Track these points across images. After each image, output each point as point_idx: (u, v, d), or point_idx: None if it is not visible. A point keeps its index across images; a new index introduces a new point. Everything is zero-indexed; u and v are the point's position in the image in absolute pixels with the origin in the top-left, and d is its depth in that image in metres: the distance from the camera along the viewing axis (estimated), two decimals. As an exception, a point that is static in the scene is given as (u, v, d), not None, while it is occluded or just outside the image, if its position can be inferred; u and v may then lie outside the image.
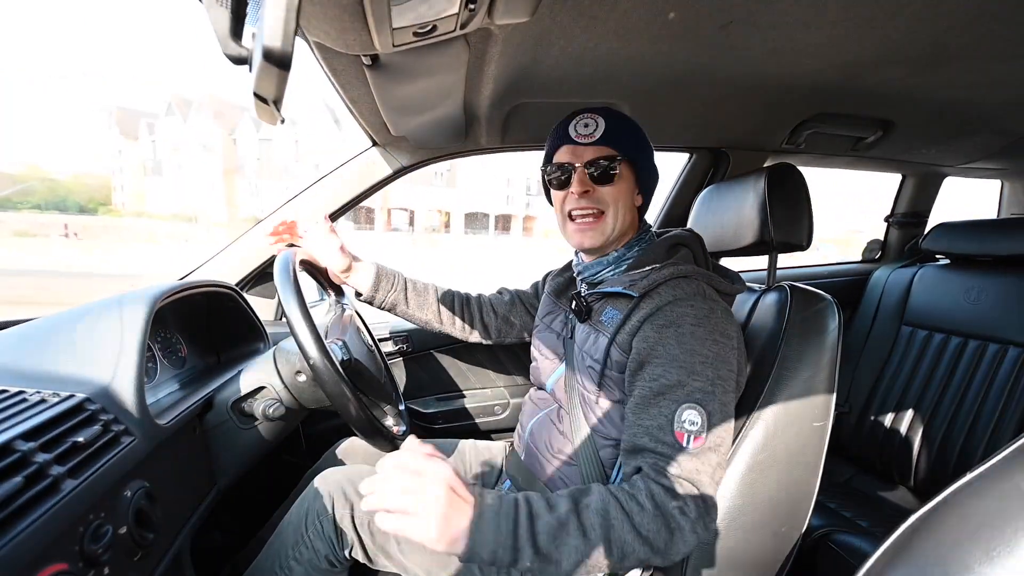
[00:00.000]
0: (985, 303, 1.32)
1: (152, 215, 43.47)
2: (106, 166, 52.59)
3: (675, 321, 0.69)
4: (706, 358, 0.66)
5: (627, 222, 0.81)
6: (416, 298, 1.03)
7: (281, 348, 0.82)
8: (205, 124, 43.27)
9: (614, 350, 0.74)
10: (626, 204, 0.80)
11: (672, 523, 0.59)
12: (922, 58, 0.84)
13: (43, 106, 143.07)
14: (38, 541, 0.41)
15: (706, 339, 0.67)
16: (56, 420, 0.50)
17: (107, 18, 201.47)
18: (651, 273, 0.75)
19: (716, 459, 0.64)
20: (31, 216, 37.70)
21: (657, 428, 0.64)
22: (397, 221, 42.30)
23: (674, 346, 0.67)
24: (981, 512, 0.29)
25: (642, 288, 0.73)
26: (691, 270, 0.74)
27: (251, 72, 0.37)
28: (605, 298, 0.80)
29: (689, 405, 0.64)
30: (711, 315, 0.69)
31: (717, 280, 0.76)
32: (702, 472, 0.63)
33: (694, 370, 0.65)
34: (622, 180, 0.79)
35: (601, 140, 0.78)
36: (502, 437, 1.43)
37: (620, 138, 0.78)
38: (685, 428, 0.63)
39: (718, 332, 0.68)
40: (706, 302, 0.71)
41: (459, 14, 0.57)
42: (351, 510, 0.76)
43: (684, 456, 0.63)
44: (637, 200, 0.83)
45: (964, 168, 1.69)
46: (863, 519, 1.19)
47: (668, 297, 0.71)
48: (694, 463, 0.62)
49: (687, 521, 0.59)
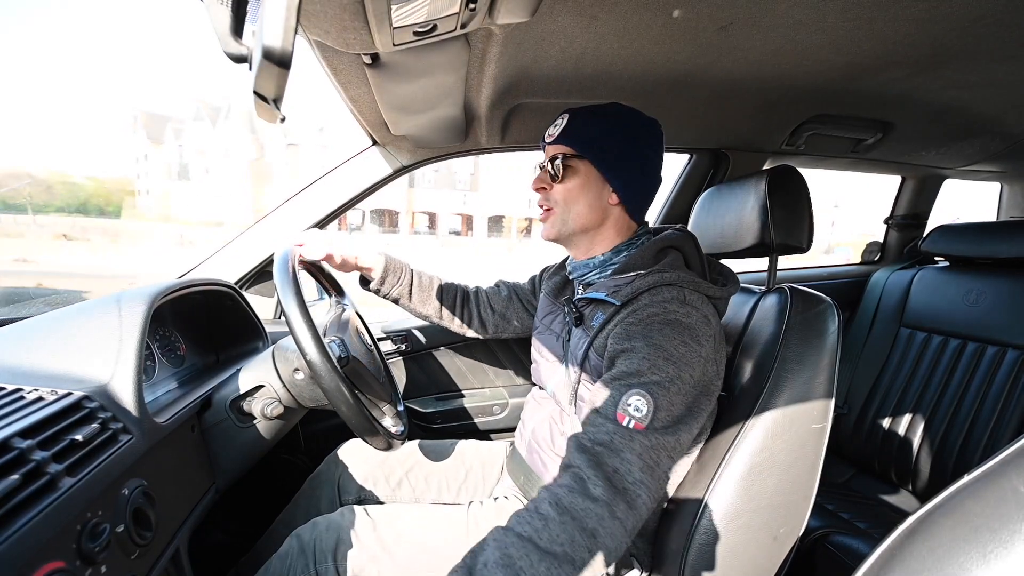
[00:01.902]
0: (984, 305, 1.32)
1: (178, 220, 43.60)
2: (131, 170, 52.89)
3: (645, 320, 0.68)
4: (670, 356, 0.65)
5: (591, 221, 0.80)
6: (420, 293, 1.03)
7: (280, 347, 0.82)
8: (233, 129, 43.39)
9: (592, 353, 0.74)
10: (584, 201, 0.79)
11: (587, 521, 0.56)
12: (922, 60, 0.85)
13: (69, 109, 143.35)
14: (35, 539, 0.41)
15: (674, 338, 0.66)
16: (54, 418, 0.50)
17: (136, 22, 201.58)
18: (635, 280, 0.74)
19: (650, 452, 0.61)
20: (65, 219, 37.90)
21: (603, 407, 0.64)
22: (421, 225, 42.63)
23: (639, 340, 0.67)
24: (978, 514, 0.29)
25: (624, 296, 0.72)
26: (675, 277, 0.72)
27: (251, 71, 0.37)
28: (594, 303, 0.80)
29: (638, 392, 0.63)
30: (685, 319, 0.68)
31: (705, 286, 0.73)
32: (630, 451, 0.60)
33: (655, 364, 0.64)
34: (576, 177, 0.79)
35: (558, 138, 0.79)
36: (501, 437, 1.43)
37: (581, 135, 0.78)
38: (628, 412, 0.62)
39: (688, 335, 0.66)
40: (683, 307, 0.69)
41: (459, 14, 0.57)
42: (334, 564, 0.72)
43: (616, 428, 0.61)
44: (611, 198, 0.79)
45: (963, 170, 1.69)
46: (861, 520, 1.19)
47: (645, 301, 0.70)
48: (624, 441, 0.60)
49: (601, 506, 0.56)
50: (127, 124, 51.85)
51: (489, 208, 43.05)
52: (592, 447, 0.61)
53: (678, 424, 0.64)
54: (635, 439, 0.61)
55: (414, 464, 0.99)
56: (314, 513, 0.94)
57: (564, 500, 0.58)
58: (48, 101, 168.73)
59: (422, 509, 0.83)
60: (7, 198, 50.03)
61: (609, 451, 0.60)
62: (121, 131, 61.05)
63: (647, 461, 0.60)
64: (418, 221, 43.04)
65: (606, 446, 0.61)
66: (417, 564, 0.74)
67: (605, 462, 0.60)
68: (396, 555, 0.74)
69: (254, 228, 1.22)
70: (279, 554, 0.74)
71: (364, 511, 0.79)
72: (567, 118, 0.79)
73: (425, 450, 1.02)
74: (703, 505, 0.72)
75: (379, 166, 1.22)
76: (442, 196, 42.54)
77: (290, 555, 0.73)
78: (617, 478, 0.59)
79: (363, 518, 0.77)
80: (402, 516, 0.80)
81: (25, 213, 41.48)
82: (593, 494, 0.58)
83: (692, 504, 0.73)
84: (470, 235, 42.62)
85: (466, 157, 1.32)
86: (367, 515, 0.78)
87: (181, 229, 34.58)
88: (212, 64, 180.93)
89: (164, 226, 38.75)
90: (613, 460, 0.60)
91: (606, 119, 0.78)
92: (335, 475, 0.97)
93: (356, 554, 0.72)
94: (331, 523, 0.76)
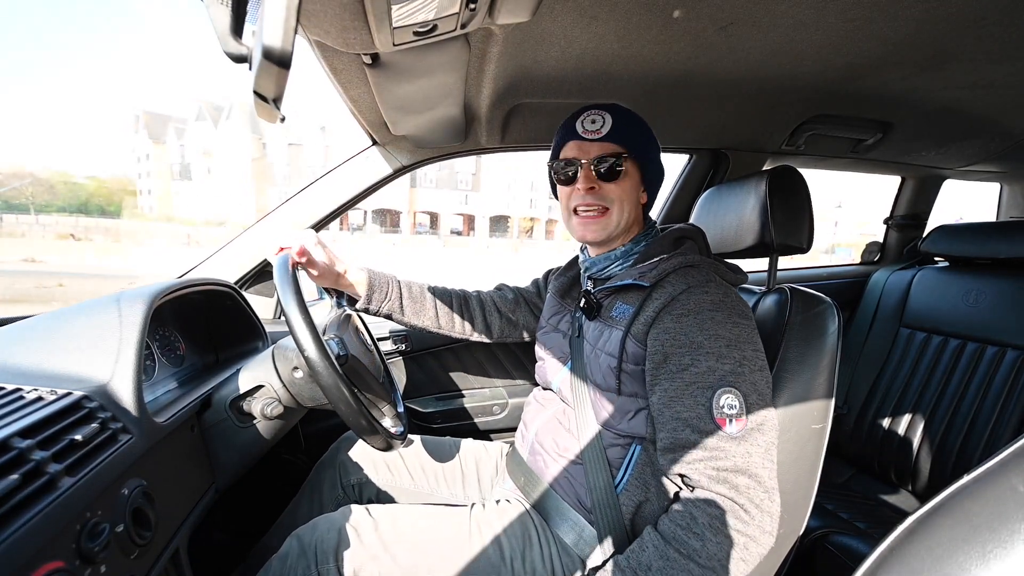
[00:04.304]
0: (984, 305, 1.32)
1: (180, 220, 43.59)
2: (132, 170, 52.97)
3: (693, 309, 0.69)
4: (730, 340, 0.66)
5: (631, 219, 0.82)
6: (412, 305, 0.99)
7: (280, 346, 0.82)
8: (235, 129, 43.40)
9: (630, 342, 0.74)
10: (631, 201, 0.81)
11: (738, 539, 0.60)
12: (922, 60, 0.85)
13: (70, 108, 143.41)
14: (35, 538, 0.41)
15: (726, 322, 0.67)
16: (54, 417, 0.50)
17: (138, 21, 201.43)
18: (660, 263, 0.76)
19: (763, 440, 0.64)
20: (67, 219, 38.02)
21: (696, 418, 0.65)
22: (422, 224, 42.76)
23: (696, 333, 0.67)
24: (978, 514, 0.29)
25: (652, 278, 0.74)
26: (699, 259, 0.76)
27: (251, 70, 0.37)
28: (614, 293, 0.80)
29: (724, 389, 0.64)
30: (726, 298, 0.70)
31: (723, 270, 0.78)
32: (752, 455, 0.63)
33: (720, 354, 0.66)
34: (628, 177, 0.80)
35: (608, 137, 0.78)
36: (500, 437, 1.43)
37: (627, 135, 0.79)
38: (724, 413, 0.63)
39: (736, 314, 0.69)
40: (719, 287, 0.72)
41: (460, 14, 0.57)
42: (336, 564, 0.72)
43: (730, 443, 0.63)
44: (642, 198, 0.84)
45: (963, 171, 1.69)
46: (860, 520, 1.19)
47: (681, 286, 0.71)
48: (743, 447, 0.63)
49: (751, 527, 0.60)
50: (129, 124, 51.98)
51: (491, 208, 43.08)
52: (726, 475, 0.63)
53: (766, 400, 0.66)
54: (744, 446, 0.63)
55: (415, 455, 1.00)
56: (316, 497, 0.95)
57: (715, 520, 0.62)
58: (50, 100, 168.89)
59: (424, 510, 0.83)
60: (9, 197, 50.07)
61: (738, 474, 0.63)
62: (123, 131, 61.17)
63: (765, 447, 0.64)
64: (420, 221, 43.09)
65: (733, 471, 0.63)
66: (419, 564, 0.74)
67: (739, 487, 0.62)
68: (398, 555, 0.74)
69: (254, 228, 1.22)
70: (279, 555, 0.74)
71: (365, 510, 0.78)
72: (611, 117, 0.78)
73: (426, 445, 1.03)
74: None
75: (379, 166, 1.22)
76: (444, 196, 42.59)
77: (290, 556, 0.73)
78: (754, 493, 0.62)
79: (364, 518, 0.77)
80: (404, 516, 0.80)
81: (27, 213, 41.50)
82: (744, 520, 0.62)
83: None
84: (472, 235, 42.65)
85: (468, 157, 1.32)
86: (368, 515, 0.78)
87: (187, 229, 34.67)
88: (214, 64, 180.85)
89: (168, 226, 38.83)
90: (743, 479, 0.63)
91: (635, 119, 0.81)
92: (337, 458, 0.98)
93: (357, 554, 0.72)
94: (332, 523, 0.76)
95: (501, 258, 27.16)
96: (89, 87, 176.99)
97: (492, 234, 43.33)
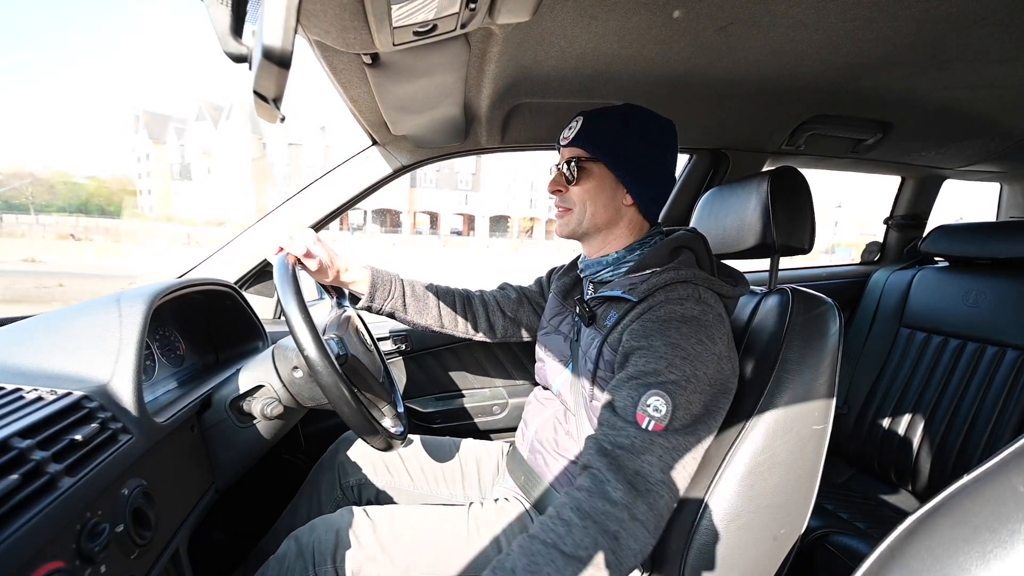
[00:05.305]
0: (984, 305, 1.32)
1: (180, 220, 43.58)
2: (132, 170, 52.99)
3: (662, 317, 0.69)
4: (687, 354, 0.65)
5: (604, 220, 0.82)
6: (415, 304, 0.99)
7: (280, 346, 0.82)
8: (235, 129, 43.39)
9: (606, 349, 0.74)
10: (597, 202, 0.80)
11: (608, 524, 0.57)
12: (922, 60, 0.85)
13: (70, 108, 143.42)
14: (35, 538, 0.41)
15: (691, 336, 0.66)
16: (53, 417, 0.50)
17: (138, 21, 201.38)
18: (651, 277, 0.75)
19: (670, 454, 0.62)
20: (67, 219, 38.06)
21: (622, 408, 0.64)
22: (422, 224, 42.77)
23: (657, 338, 0.67)
24: (978, 514, 0.29)
25: (641, 293, 0.73)
26: (691, 275, 0.73)
27: (251, 70, 0.37)
28: (607, 302, 0.80)
29: (656, 392, 0.63)
30: (701, 316, 0.69)
31: (718, 284, 0.75)
32: (654, 449, 0.61)
33: (672, 362, 0.65)
34: (590, 179, 0.80)
35: (573, 141, 0.80)
36: (500, 437, 1.43)
37: (593, 138, 0.79)
38: (648, 412, 0.62)
39: (704, 334, 0.67)
40: (699, 304, 0.70)
41: (459, 13, 0.57)
42: (333, 566, 0.72)
43: (637, 431, 0.62)
44: (625, 199, 0.81)
45: (963, 170, 1.69)
46: (860, 520, 1.19)
47: (661, 298, 0.71)
48: (648, 437, 0.61)
49: (622, 512, 0.58)
50: (129, 124, 52.01)
51: (491, 208, 43.07)
52: (612, 450, 0.62)
53: (697, 423, 0.64)
54: (655, 441, 0.62)
55: (414, 455, 1.00)
56: (315, 498, 0.95)
57: (585, 505, 0.59)
58: (50, 100, 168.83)
59: (422, 510, 0.83)
60: (9, 197, 50.06)
61: (629, 454, 0.61)
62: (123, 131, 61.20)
63: (667, 462, 0.61)
64: (420, 221, 43.10)
65: (626, 449, 0.61)
66: (417, 565, 0.74)
67: (625, 465, 0.61)
68: (395, 556, 0.74)
69: (254, 228, 1.22)
70: (277, 556, 0.74)
71: (363, 512, 0.78)
72: (581, 121, 0.80)
73: (426, 444, 1.02)
74: (703, 505, 0.71)
75: (379, 166, 1.22)
76: (444, 196, 42.60)
77: (288, 558, 0.73)
78: (638, 480, 0.60)
79: (362, 519, 0.77)
80: (401, 517, 0.80)
81: (27, 213, 41.51)
82: (613, 497, 0.59)
83: (692, 504, 0.73)
84: (472, 235, 42.66)
85: (468, 157, 1.32)
86: (366, 516, 0.78)
87: (187, 229, 34.68)
88: (214, 64, 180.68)
89: (168, 226, 38.86)
90: (634, 463, 0.61)
91: (619, 121, 0.79)
92: (336, 459, 0.97)
93: (355, 555, 0.72)
94: (330, 525, 0.76)
95: (501, 258, 27.26)
96: (89, 87, 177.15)
97: (492, 234, 43.37)
